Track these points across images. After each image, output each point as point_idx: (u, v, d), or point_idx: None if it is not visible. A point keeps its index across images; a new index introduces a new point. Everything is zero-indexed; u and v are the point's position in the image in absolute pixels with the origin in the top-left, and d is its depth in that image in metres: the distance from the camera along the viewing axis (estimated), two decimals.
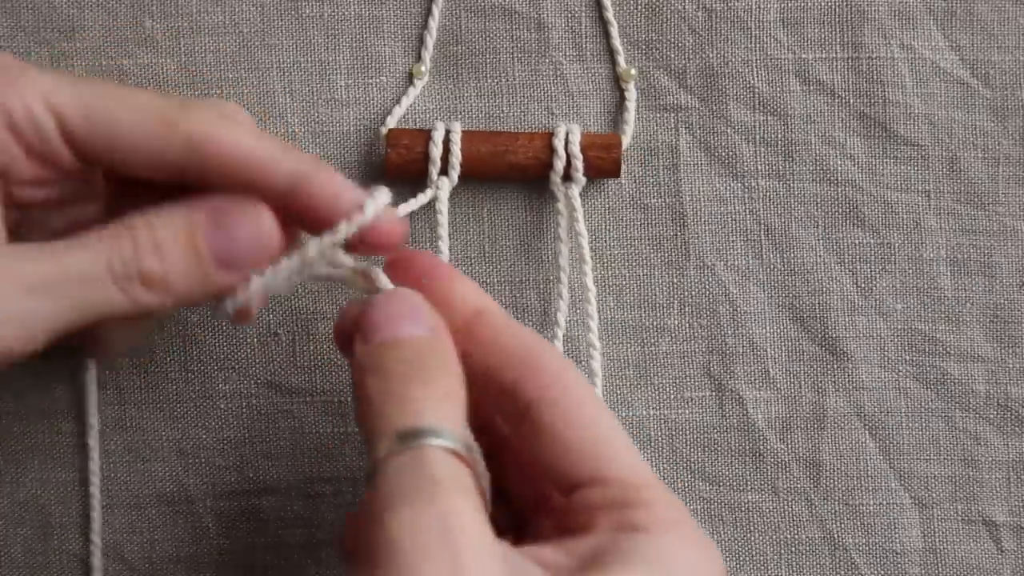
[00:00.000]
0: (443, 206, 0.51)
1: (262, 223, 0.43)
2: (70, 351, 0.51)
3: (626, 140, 0.52)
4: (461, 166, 0.51)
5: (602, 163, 0.51)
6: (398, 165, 0.51)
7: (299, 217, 0.44)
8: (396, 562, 0.36)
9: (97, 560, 0.52)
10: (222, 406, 0.53)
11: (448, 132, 0.51)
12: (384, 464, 0.39)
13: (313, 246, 0.44)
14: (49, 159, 0.43)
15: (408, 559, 0.36)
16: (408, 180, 0.52)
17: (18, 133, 0.43)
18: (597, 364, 0.52)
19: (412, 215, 0.52)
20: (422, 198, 0.51)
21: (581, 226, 0.51)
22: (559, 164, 0.51)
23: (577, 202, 0.51)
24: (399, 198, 0.52)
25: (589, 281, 0.52)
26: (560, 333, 0.52)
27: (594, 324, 0.52)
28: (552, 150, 0.51)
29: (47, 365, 0.52)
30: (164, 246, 0.42)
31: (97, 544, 0.52)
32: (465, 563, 0.36)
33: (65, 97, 0.43)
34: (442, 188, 0.51)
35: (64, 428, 0.53)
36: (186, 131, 0.43)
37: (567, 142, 0.51)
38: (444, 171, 0.51)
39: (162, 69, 0.52)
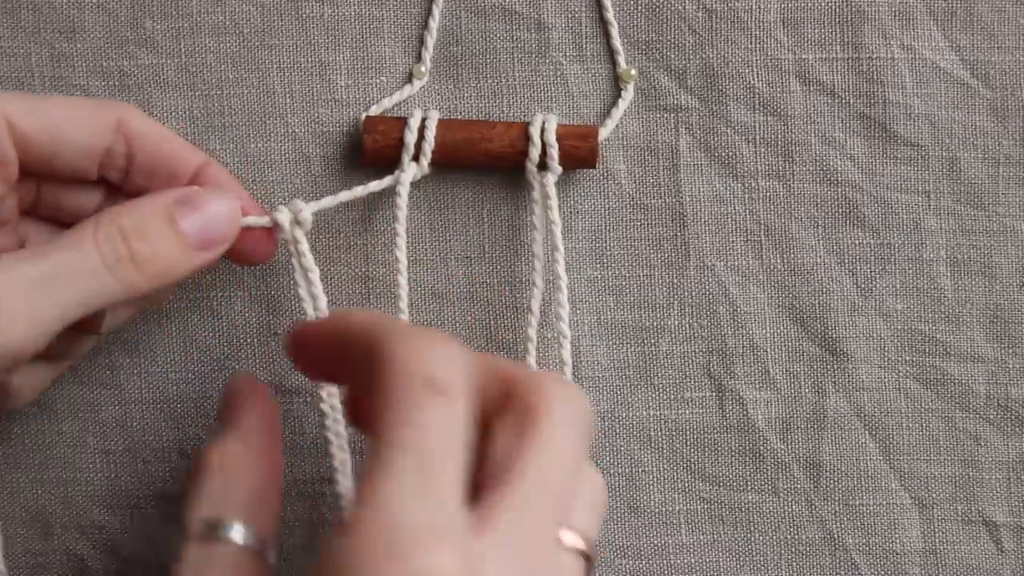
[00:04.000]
0: (404, 189, 0.51)
1: (228, 202, 0.48)
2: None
3: (604, 132, 0.52)
4: (434, 153, 0.51)
5: (577, 152, 0.51)
6: (374, 151, 0.51)
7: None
8: None
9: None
10: None
11: (424, 120, 0.51)
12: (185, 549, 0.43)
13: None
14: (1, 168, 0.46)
15: None
16: (385, 166, 0.51)
17: None
18: (567, 353, 0.51)
19: (391, 202, 0.51)
20: (387, 180, 0.51)
21: (555, 214, 0.51)
22: (534, 152, 0.51)
23: (552, 190, 0.51)
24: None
25: (560, 269, 0.51)
26: (534, 321, 0.52)
27: (564, 313, 0.51)
28: (528, 139, 0.51)
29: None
30: (147, 228, 0.45)
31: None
32: None
33: (14, 106, 0.46)
34: (407, 172, 0.51)
35: (63, 428, 0.53)
36: (116, 114, 0.48)
37: (543, 131, 0.51)
38: (416, 158, 0.51)
39: (162, 69, 0.52)
